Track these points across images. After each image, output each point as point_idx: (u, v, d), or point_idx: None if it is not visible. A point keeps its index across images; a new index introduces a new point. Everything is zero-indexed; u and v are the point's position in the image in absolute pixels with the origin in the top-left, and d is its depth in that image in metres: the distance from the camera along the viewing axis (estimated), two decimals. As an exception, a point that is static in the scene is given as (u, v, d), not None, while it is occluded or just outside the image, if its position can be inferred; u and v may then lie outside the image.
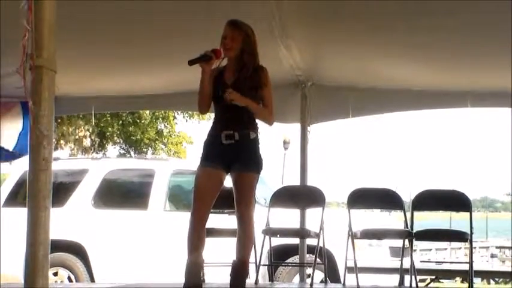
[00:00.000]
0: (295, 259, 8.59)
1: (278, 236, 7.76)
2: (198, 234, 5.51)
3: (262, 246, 7.41)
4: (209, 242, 5.86)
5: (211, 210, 5.60)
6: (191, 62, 5.38)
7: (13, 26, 3.51)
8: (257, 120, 5.63)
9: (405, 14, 5.67)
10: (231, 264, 5.56)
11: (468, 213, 7.52)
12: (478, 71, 7.23)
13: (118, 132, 23.24)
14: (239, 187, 5.54)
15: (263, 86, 5.54)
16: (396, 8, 5.54)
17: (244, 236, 5.60)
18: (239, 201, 5.56)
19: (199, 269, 5.56)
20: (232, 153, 5.47)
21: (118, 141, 24.21)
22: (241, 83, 5.48)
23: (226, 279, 5.57)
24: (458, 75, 7.39)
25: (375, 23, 5.93)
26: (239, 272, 5.55)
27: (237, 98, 5.40)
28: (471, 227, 7.31)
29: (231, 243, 5.74)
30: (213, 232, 6.86)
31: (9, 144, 8.56)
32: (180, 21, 5.80)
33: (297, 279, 8.89)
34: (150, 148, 23.99)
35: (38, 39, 3.37)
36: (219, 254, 6.42)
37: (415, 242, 7.83)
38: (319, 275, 8.24)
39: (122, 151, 24.57)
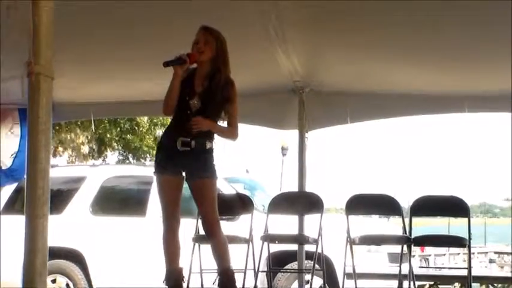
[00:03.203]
0: (294, 265, 8.59)
1: (276, 242, 7.76)
2: (172, 242, 5.59)
3: (260, 253, 7.40)
4: (204, 249, 5.89)
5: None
6: (166, 64, 5.39)
7: (13, 32, 3.51)
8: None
9: (403, 18, 5.68)
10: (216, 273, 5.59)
11: (466, 219, 7.52)
12: (476, 75, 7.23)
13: (117, 139, 23.22)
14: (197, 195, 5.55)
15: (232, 101, 5.57)
16: (394, 12, 5.54)
17: (217, 245, 5.60)
18: (201, 210, 5.59)
19: (179, 276, 5.60)
20: (186, 160, 5.48)
21: (117, 147, 24.19)
22: (211, 93, 5.48)
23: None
24: (456, 79, 7.40)
25: (373, 28, 5.93)
26: (227, 281, 5.55)
27: (203, 127, 5.43)
28: (469, 233, 7.30)
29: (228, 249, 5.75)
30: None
31: (7, 160, 8.53)
32: (176, 25, 5.80)
33: (295, 285, 8.89)
34: (148, 155, 23.97)
35: (35, 46, 3.37)
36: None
37: (413, 248, 7.81)
38: (317, 281, 8.23)
39: (121, 157, 24.55)
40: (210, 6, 5.34)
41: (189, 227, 6.70)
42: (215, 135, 5.63)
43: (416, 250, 18.15)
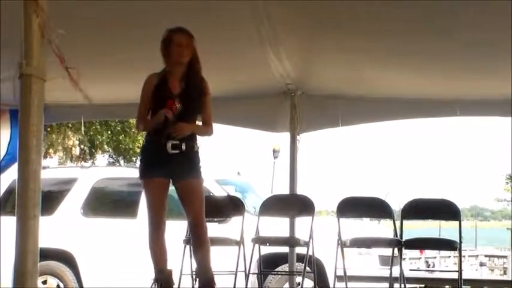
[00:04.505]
0: (285, 268, 8.59)
1: (268, 244, 7.77)
2: (159, 245, 5.61)
3: (251, 255, 7.41)
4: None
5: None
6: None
7: (10, 32, 3.51)
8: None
9: (396, 22, 5.68)
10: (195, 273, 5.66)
11: (457, 222, 7.54)
12: (468, 80, 7.24)
13: (107, 141, 23.17)
14: (186, 195, 5.59)
15: (207, 100, 5.68)
16: (386, 17, 5.55)
17: (200, 247, 5.66)
18: (188, 210, 5.61)
19: (169, 278, 5.63)
20: (176, 162, 5.52)
21: (107, 149, 24.14)
22: (189, 93, 5.53)
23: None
24: (448, 83, 7.41)
25: (364, 31, 5.93)
26: (206, 283, 5.60)
27: (184, 130, 5.50)
28: (460, 236, 7.32)
29: (219, 251, 5.76)
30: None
31: None
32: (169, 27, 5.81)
33: (286, 287, 8.89)
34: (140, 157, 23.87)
35: (27, 48, 3.37)
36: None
37: (404, 251, 7.82)
38: (308, 284, 8.24)
39: (111, 160, 24.49)
40: (202, 9, 5.34)
41: (178, 229, 6.69)
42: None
43: (406, 253, 18.18)
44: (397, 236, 7.47)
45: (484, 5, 5.12)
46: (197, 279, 5.80)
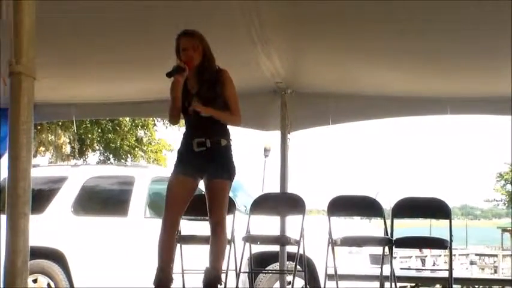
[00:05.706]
0: (276, 266, 8.59)
1: (258, 243, 7.76)
2: (168, 241, 5.62)
3: (242, 254, 7.40)
4: (192, 248, 5.87)
5: (193, 217, 5.64)
6: (169, 75, 5.46)
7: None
8: (229, 127, 5.76)
9: (386, 21, 5.69)
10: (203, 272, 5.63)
11: (448, 221, 7.55)
12: (459, 78, 7.25)
13: (98, 139, 23.16)
14: (211, 194, 5.62)
15: (226, 87, 5.61)
16: (377, 16, 5.55)
17: (217, 244, 5.67)
18: (211, 209, 5.63)
19: (168, 276, 5.61)
20: (204, 160, 5.54)
21: (98, 148, 24.13)
22: (205, 90, 5.55)
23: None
24: (438, 81, 7.42)
25: (355, 30, 5.94)
26: (211, 279, 5.59)
27: (202, 109, 5.49)
28: (451, 235, 7.33)
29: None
30: (195, 239, 6.88)
31: None
32: (158, 28, 5.81)
33: (277, 286, 8.89)
34: (129, 155, 23.92)
35: (17, 45, 3.35)
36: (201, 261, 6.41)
37: (395, 250, 7.82)
38: (299, 282, 8.24)
39: (102, 158, 24.48)
40: (192, 9, 5.34)
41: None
42: (231, 133, 5.74)
43: (397, 252, 18.20)
44: (387, 235, 7.48)
45: (477, 4, 5.13)
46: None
